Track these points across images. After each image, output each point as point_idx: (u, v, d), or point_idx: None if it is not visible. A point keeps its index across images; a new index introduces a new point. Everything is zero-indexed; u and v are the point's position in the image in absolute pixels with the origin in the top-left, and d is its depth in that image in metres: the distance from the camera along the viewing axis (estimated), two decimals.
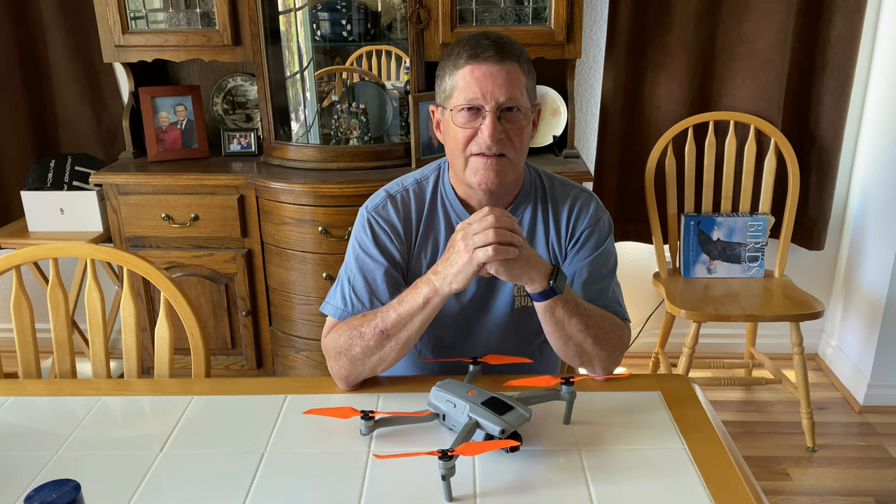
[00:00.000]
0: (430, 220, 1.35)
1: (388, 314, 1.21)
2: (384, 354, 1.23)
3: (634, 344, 2.95)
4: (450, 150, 1.29)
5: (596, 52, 2.65)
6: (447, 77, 1.26)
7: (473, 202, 1.33)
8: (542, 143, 2.50)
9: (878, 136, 2.54)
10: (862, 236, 2.63)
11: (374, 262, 1.31)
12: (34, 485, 1.05)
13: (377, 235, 1.33)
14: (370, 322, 1.22)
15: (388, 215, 1.34)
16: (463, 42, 1.25)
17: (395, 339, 1.21)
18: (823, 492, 2.19)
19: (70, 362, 1.50)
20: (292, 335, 2.40)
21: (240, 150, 2.59)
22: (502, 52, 1.23)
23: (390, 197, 1.35)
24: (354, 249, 1.34)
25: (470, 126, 1.23)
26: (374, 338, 1.21)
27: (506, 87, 1.22)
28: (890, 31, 2.47)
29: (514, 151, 1.25)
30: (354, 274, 1.32)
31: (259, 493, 1.03)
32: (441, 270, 1.17)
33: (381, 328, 1.20)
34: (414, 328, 1.20)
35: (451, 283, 1.15)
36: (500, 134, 1.22)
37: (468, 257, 1.13)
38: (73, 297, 2.52)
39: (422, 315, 1.19)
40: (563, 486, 1.03)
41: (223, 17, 2.33)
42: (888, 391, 2.57)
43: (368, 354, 1.23)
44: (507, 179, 1.27)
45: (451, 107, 1.25)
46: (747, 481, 1.03)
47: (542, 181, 1.39)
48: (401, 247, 1.33)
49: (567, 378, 1.17)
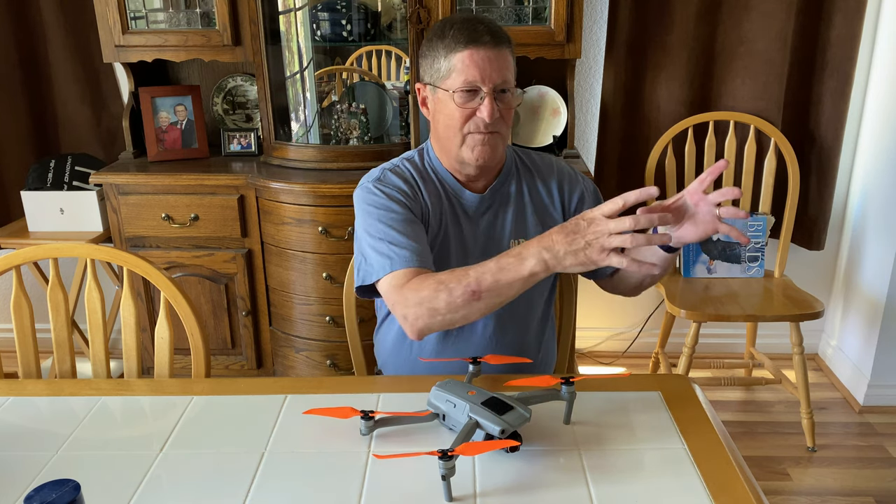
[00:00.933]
0: (427, 185, 1.42)
1: (484, 276, 1.18)
2: (469, 314, 1.21)
3: (634, 344, 2.95)
4: (444, 127, 1.36)
5: (596, 52, 2.65)
6: (442, 59, 1.33)
7: (461, 177, 1.42)
8: (542, 143, 2.50)
9: (878, 136, 2.54)
10: (862, 236, 2.63)
11: (393, 213, 1.33)
12: (34, 485, 1.05)
13: (388, 193, 1.36)
14: (461, 279, 1.19)
15: (392, 181, 1.39)
16: (457, 25, 1.32)
17: (485, 303, 1.19)
18: (823, 492, 2.19)
19: (70, 362, 1.50)
20: (292, 335, 2.40)
21: (240, 150, 2.59)
22: (497, 38, 1.32)
23: (387, 169, 1.42)
24: (367, 217, 1.35)
25: (468, 106, 1.32)
26: (464, 296, 1.19)
27: (501, 71, 1.32)
28: (890, 31, 2.47)
29: (505, 128, 1.37)
30: (381, 231, 1.31)
31: (259, 493, 1.03)
32: (559, 250, 1.13)
33: (473, 288, 1.18)
34: (509, 296, 1.20)
35: (567, 267, 1.14)
36: (497, 113, 1.32)
37: (603, 256, 1.10)
38: (73, 297, 2.52)
39: (523, 286, 1.18)
40: (563, 486, 1.03)
41: (223, 17, 2.33)
42: (888, 391, 2.57)
43: (453, 311, 1.21)
44: (499, 154, 1.39)
45: (448, 87, 1.32)
46: (747, 481, 1.03)
47: (519, 156, 1.50)
48: (412, 204, 1.37)
49: (567, 378, 1.17)
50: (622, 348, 2.98)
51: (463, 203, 1.43)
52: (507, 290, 1.18)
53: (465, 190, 1.43)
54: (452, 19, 1.35)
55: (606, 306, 2.92)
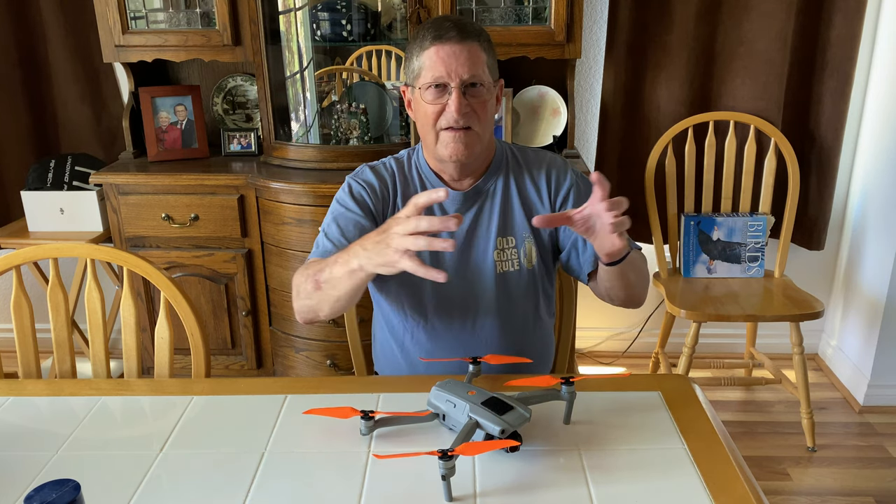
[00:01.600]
0: (405, 187, 1.44)
1: (325, 268, 1.22)
2: (317, 304, 1.27)
3: (634, 344, 2.95)
4: (421, 125, 1.38)
5: (596, 52, 2.65)
6: (414, 58, 1.36)
7: (446, 176, 1.43)
8: (543, 143, 2.50)
9: (878, 136, 2.54)
10: (862, 236, 2.63)
11: (349, 212, 1.40)
12: (34, 485, 1.05)
13: (353, 190, 1.42)
14: (315, 268, 1.25)
15: (366, 176, 1.44)
16: (427, 25, 1.35)
17: (325, 293, 1.23)
18: (823, 492, 2.19)
19: (70, 362, 1.50)
20: (292, 335, 2.40)
21: (240, 150, 2.59)
22: (463, 33, 1.32)
23: (369, 166, 1.47)
24: (332, 208, 1.43)
25: (438, 102, 1.33)
26: (312, 284, 1.25)
27: (468, 65, 1.31)
28: (890, 31, 2.47)
29: (479, 124, 1.35)
30: (328, 223, 1.40)
31: (259, 493, 1.03)
32: (369, 249, 1.11)
33: (315, 278, 1.24)
34: (345, 290, 1.20)
35: (378, 266, 1.10)
36: (466, 108, 1.32)
37: (396, 258, 1.05)
38: (73, 297, 2.52)
39: (351, 281, 1.17)
40: (563, 486, 1.03)
41: (223, 17, 2.33)
42: (888, 391, 2.57)
43: (308, 297, 1.27)
44: (476, 151, 1.37)
45: (419, 85, 1.35)
46: (747, 481, 1.03)
47: (513, 153, 1.49)
48: (376, 202, 1.42)
49: (567, 378, 1.17)
50: (622, 348, 2.98)
51: (442, 203, 1.42)
52: (339, 283, 1.19)
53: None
54: (429, 20, 1.38)
55: (606, 306, 2.90)
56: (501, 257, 1.42)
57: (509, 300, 1.44)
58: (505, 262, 1.42)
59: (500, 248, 1.42)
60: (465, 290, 1.43)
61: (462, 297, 1.43)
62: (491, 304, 1.43)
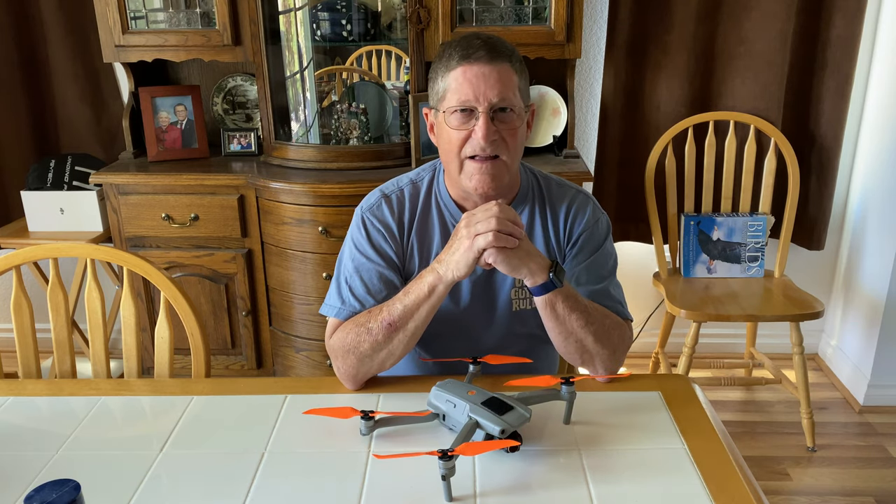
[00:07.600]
0: (424, 221, 1.35)
1: (394, 307, 1.22)
2: (392, 348, 1.24)
3: (634, 344, 2.95)
4: (444, 152, 1.29)
5: (596, 52, 2.65)
6: (439, 79, 1.26)
7: (469, 205, 1.33)
8: (542, 143, 2.50)
9: (878, 136, 2.54)
10: (862, 236, 2.63)
11: (370, 262, 1.32)
12: (34, 485, 1.05)
13: (371, 235, 1.34)
14: (377, 317, 1.23)
15: (383, 215, 1.35)
16: (454, 43, 1.25)
17: (403, 332, 1.22)
18: (823, 492, 2.19)
19: (70, 362, 1.50)
20: (292, 335, 2.40)
21: (240, 150, 2.59)
22: (493, 52, 1.22)
23: (385, 197, 1.36)
24: (350, 250, 1.35)
25: (464, 128, 1.23)
26: (382, 332, 1.22)
27: (498, 88, 1.21)
28: (890, 31, 2.47)
29: (508, 153, 1.25)
30: (351, 274, 1.33)
31: (259, 493, 1.03)
32: (444, 258, 1.19)
33: (388, 321, 1.21)
34: (421, 318, 1.21)
35: (454, 270, 1.17)
36: (494, 135, 1.22)
37: (469, 243, 1.15)
38: (73, 297, 2.52)
39: (428, 304, 1.20)
40: (563, 486, 1.03)
41: (223, 17, 2.33)
42: (888, 391, 2.57)
43: (377, 350, 1.23)
44: (503, 182, 1.28)
45: (444, 109, 1.25)
46: (747, 481, 1.03)
47: (538, 182, 1.39)
48: (395, 246, 1.34)
49: (567, 378, 1.17)
50: None
51: None
52: (417, 312, 1.21)
53: None
54: (457, 37, 1.28)
55: None
56: (519, 295, 1.35)
57: (518, 335, 1.39)
58: (522, 301, 1.35)
59: (518, 285, 1.34)
60: (477, 323, 1.38)
61: (472, 327, 1.38)
62: (500, 336, 1.39)
